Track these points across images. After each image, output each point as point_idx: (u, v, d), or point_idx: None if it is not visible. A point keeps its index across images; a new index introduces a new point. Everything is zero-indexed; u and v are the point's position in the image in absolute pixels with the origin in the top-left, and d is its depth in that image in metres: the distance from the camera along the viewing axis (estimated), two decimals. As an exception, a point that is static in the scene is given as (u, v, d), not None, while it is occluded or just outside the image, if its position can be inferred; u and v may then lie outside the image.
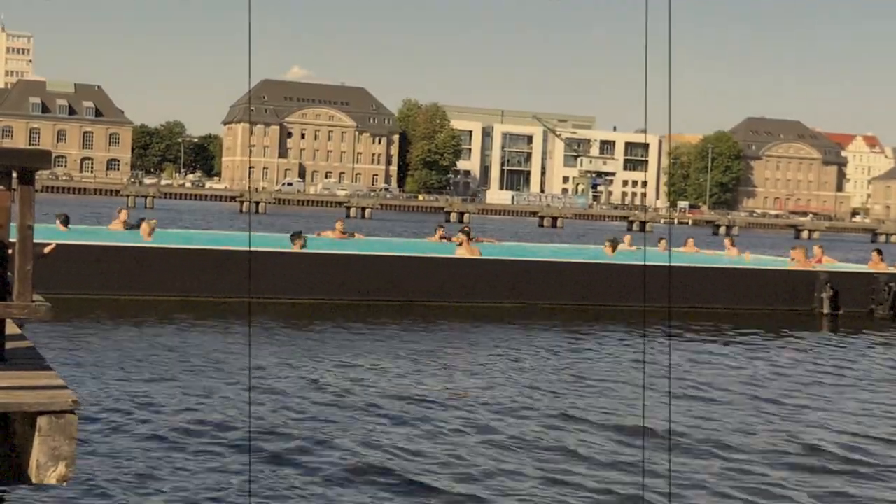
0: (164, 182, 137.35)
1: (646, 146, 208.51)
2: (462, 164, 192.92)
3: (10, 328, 6.15)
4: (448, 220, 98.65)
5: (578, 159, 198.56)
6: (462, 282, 20.13)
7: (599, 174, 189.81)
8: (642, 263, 22.19)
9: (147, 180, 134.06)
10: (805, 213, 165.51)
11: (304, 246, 20.14)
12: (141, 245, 19.15)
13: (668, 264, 22.73)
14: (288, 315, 17.25)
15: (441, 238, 25.30)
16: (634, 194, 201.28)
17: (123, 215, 22.73)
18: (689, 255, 26.56)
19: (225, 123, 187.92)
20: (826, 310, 21.70)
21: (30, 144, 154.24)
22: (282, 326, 16.09)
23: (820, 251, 25.27)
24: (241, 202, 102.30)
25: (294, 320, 16.93)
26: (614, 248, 23.84)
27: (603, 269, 21.55)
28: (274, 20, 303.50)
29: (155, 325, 15.59)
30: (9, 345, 5.74)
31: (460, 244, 21.46)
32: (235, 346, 14.08)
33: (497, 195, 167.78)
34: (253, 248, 20.22)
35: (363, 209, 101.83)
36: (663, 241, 28.82)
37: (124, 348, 13.30)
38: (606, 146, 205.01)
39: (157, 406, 9.89)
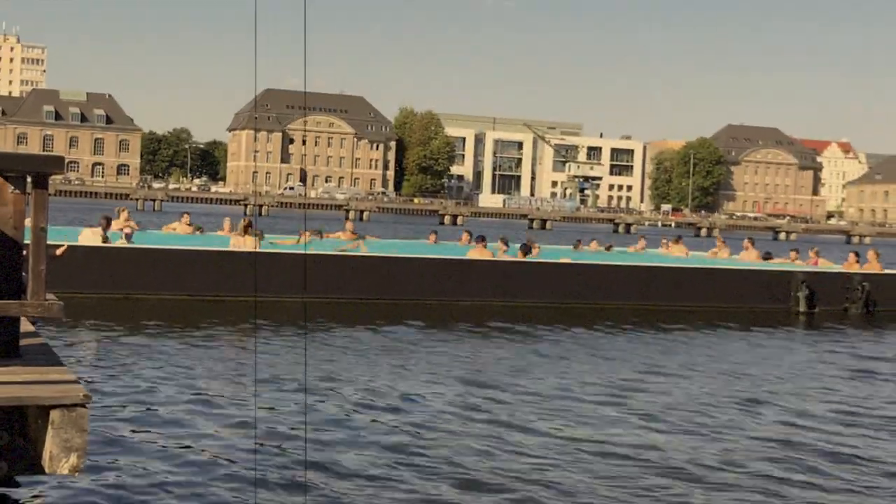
0: (171, 186, 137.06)
1: (631, 152, 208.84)
2: (456, 169, 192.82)
3: (25, 325, 6.14)
4: (442, 223, 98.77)
5: (567, 164, 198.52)
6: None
7: (587, 179, 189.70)
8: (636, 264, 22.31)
9: (155, 184, 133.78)
10: (782, 216, 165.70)
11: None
12: (143, 247, 19.04)
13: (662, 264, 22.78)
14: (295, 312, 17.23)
15: (435, 241, 25.32)
16: (620, 198, 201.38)
17: (124, 215, 22.12)
18: (674, 255, 26.58)
19: (230, 130, 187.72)
20: (802, 308, 21.75)
21: (43, 150, 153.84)
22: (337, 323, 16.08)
23: (814, 254, 25.64)
24: (246, 205, 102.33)
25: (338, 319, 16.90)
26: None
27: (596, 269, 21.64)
28: (275, 31, 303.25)
29: (168, 322, 15.55)
30: (23, 341, 5.73)
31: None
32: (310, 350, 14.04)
33: (489, 199, 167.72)
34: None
35: (361, 212, 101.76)
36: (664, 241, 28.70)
37: (135, 344, 13.28)
38: (593, 152, 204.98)
39: (167, 400, 9.87)
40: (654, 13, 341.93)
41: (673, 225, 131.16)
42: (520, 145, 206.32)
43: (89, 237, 18.41)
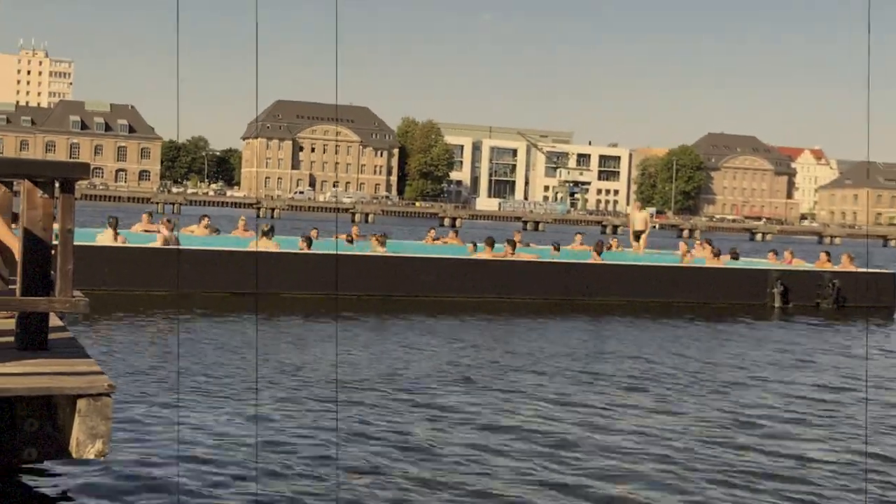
0: (189, 191, 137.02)
1: (617, 159, 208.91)
2: (454, 175, 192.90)
3: (53, 320, 6.15)
4: (441, 225, 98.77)
5: (558, 170, 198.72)
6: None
7: (577, 183, 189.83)
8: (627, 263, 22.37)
9: (174, 189, 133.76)
10: (759, 218, 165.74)
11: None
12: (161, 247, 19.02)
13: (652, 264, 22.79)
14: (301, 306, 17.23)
15: (433, 240, 25.29)
16: (608, 201, 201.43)
17: (146, 219, 22.46)
18: (658, 254, 26.57)
19: (244, 139, 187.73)
20: (777, 303, 21.80)
21: (70, 158, 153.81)
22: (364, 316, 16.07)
23: (790, 254, 25.69)
24: (258, 208, 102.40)
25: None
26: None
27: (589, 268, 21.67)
28: (282, 45, 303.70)
29: (186, 317, 15.53)
30: (51, 335, 5.74)
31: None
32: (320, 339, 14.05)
33: (486, 202, 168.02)
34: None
35: (367, 215, 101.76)
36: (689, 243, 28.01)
37: (157, 337, 13.28)
38: (583, 159, 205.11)
39: (187, 389, 9.86)
40: (640, 29, 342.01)
41: (657, 227, 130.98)
42: (514, 152, 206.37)
43: (105, 239, 18.51)
